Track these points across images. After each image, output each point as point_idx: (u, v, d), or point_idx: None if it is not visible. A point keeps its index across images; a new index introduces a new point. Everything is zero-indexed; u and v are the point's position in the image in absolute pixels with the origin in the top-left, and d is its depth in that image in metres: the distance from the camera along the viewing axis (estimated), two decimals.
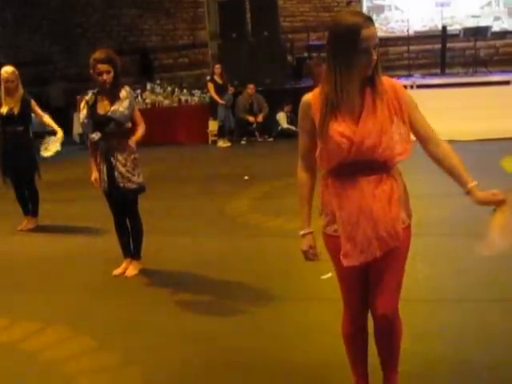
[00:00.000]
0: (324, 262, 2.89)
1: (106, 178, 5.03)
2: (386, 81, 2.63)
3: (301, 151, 2.79)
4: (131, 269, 5.28)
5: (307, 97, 2.69)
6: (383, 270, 2.75)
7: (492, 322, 3.97)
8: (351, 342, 2.99)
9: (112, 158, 5.00)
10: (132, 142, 5.03)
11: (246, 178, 9.16)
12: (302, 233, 2.83)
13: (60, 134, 6.82)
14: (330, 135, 2.57)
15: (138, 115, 5.16)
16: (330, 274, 4.55)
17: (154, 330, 4.22)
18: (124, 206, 5.21)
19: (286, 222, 6.57)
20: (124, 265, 5.33)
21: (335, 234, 2.70)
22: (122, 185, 5.02)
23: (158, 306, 4.65)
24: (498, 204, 2.60)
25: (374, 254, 2.63)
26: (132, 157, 5.06)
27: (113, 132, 4.97)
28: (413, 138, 2.68)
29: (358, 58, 2.49)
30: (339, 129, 2.56)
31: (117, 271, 5.29)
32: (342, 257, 2.66)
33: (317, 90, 2.65)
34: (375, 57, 2.51)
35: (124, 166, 5.01)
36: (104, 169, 5.03)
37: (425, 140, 2.68)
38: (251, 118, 13.08)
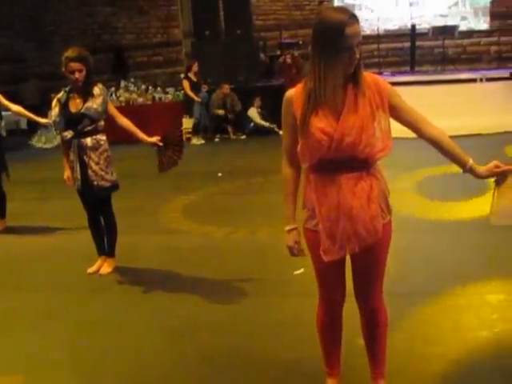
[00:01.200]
0: (297, 257, 2.87)
1: (79, 177, 4.94)
2: (369, 77, 2.62)
3: (284, 147, 2.78)
4: (105, 267, 5.22)
5: (290, 92, 2.68)
6: (366, 266, 2.78)
7: (461, 315, 3.99)
8: (326, 334, 2.99)
9: (85, 156, 4.91)
10: (146, 139, 5.00)
11: (220, 174, 9.13)
12: (287, 228, 2.81)
13: (42, 120, 6.67)
14: (311, 131, 2.55)
15: (115, 112, 5.08)
16: (302, 270, 4.57)
17: (128, 328, 4.17)
18: (98, 203, 5.14)
19: (260, 218, 6.57)
20: (98, 263, 5.25)
21: (315, 229, 2.69)
22: (95, 183, 4.94)
23: (132, 304, 4.60)
24: (502, 175, 2.65)
25: (353, 249, 2.65)
26: (105, 155, 4.98)
27: (86, 130, 4.89)
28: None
29: (342, 56, 2.46)
30: (320, 125, 2.54)
31: (91, 269, 5.22)
32: (322, 252, 2.67)
33: (300, 86, 2.64)
34: (358, 55, 2.49)
35: (97, 163, 4.94)
36: (77, 167, 4.94)
37: (417, 123, 2.67)
38: (220, 111, 13.04)
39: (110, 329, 4.17)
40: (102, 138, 4.99)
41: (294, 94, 2.65)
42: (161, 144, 4.97)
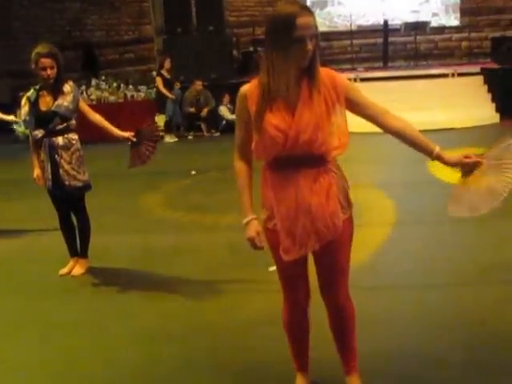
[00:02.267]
0: (259, 250, 2.83)
1: (50, 176, 4.87)
2: (325, 72, 2.58)
3: (237, 142, 2.76)
4: (78, 268, 5.15)
5: (244, 88, 2.64)
6: (329, 263, 2.76)
7: (427, 308, 4.04)
8: (292, 332, 2.99)
9: (56, 156, 4.84)
10: (120, 133, 4.93)
11: (193, 172, 9.10)
12: (245, 221, 2.74)
13: (8, 118, 6.57)
14: (265, 128, 2.53)
15: (86, 108, 5.04)
16: None
17: (101, 329, 4.12)
18: (70, 204, 5.08)
19: (234, 215, 6.54)
20: (70, 264, 5.18)
21: (275, 229, 2.67)
22: (67, 182, 4.88)
23: (106, 305, 4.54)
24: (470, 167, 2.61)
25: (313, 247, 2.64)
26: (77, 154, 4.92)
27: (57, 128, 4.83)
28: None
29: (293, 47, 2.44)
30: (274, 122, 2.52)
31: (63, 271, 5.14)
32: (281, 252, 2.65)
33: (255, 81, 2.61)
34: (310, 47, 2.45)
35: (69, 163, 4.87)
36: (48, 167, 4.87)
37: (378, 116, 2.64)
38: (192, 109, 12.99)
39: (83, 330, 4.11)
40: (74, 137, 4.93)
41: (248, 89, 2.62)
42: (134, 139, 4.94)
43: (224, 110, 13.10)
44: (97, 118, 5.02)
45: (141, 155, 4.97)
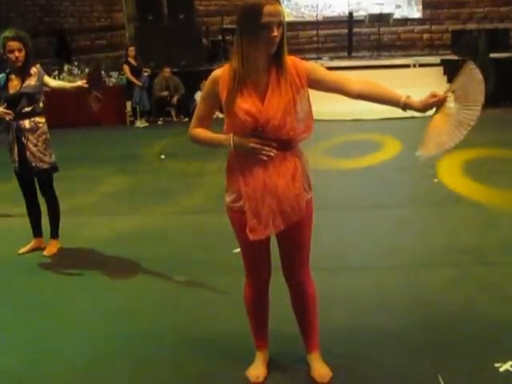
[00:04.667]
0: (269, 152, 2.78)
1: (16, 158, 4.85)
2: (289, 60, 2.61)
3: (196, 117, 2.76)
4: (50, 248, 5.09)
5: (217, 72, 2.65)
6: (291, 242, 2.79)
7: (390, 288, 4.06)
8: (253, 309, 3.01)
9: (23, 138, 4.81)
10: (73, 85, 4.97)
11: (163, 156, 9.05)
12: (230, 140, 2.61)
13: None
14: (236, 112, 2.55)
15: (48, 79, 4.96)
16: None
17: (71, 307, 4.07)
18: (39, 186, 5.03)
19: (200, 199, 6.53)
20: (31, 244, 5.15)
21: (241, 210, 2.68)
22: (33, 164, 4.84)
23: (77, 285, 4.49)
24: (439, 104, 2.52)
25: (279, 227, 2.65)
26: (43, 137, 4.87)
27: (24, 111, 4.78)
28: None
29: (261, 33, 2.46)
30: (245, 106, 2.54)
31: (22, 250, 5.11)
32: (248, 231, 2.65)
33: (227, 67, 2.62)
34: (276, 33, 2.48)
35: (35, 145, 4.83)
36: (15, 149, 4.84)
37: (342, 86, 2.64)
38: (164, 93, 12.87)
39: (54, 309, 4.06)
40: (41, 120, 4.89)
41: (220, 74, 2.63)
42: (86, 85, 4.83)
43: (199, 96, 12.99)
44: (57, 83, 5.08)
45: (95, 99, 4.91)
